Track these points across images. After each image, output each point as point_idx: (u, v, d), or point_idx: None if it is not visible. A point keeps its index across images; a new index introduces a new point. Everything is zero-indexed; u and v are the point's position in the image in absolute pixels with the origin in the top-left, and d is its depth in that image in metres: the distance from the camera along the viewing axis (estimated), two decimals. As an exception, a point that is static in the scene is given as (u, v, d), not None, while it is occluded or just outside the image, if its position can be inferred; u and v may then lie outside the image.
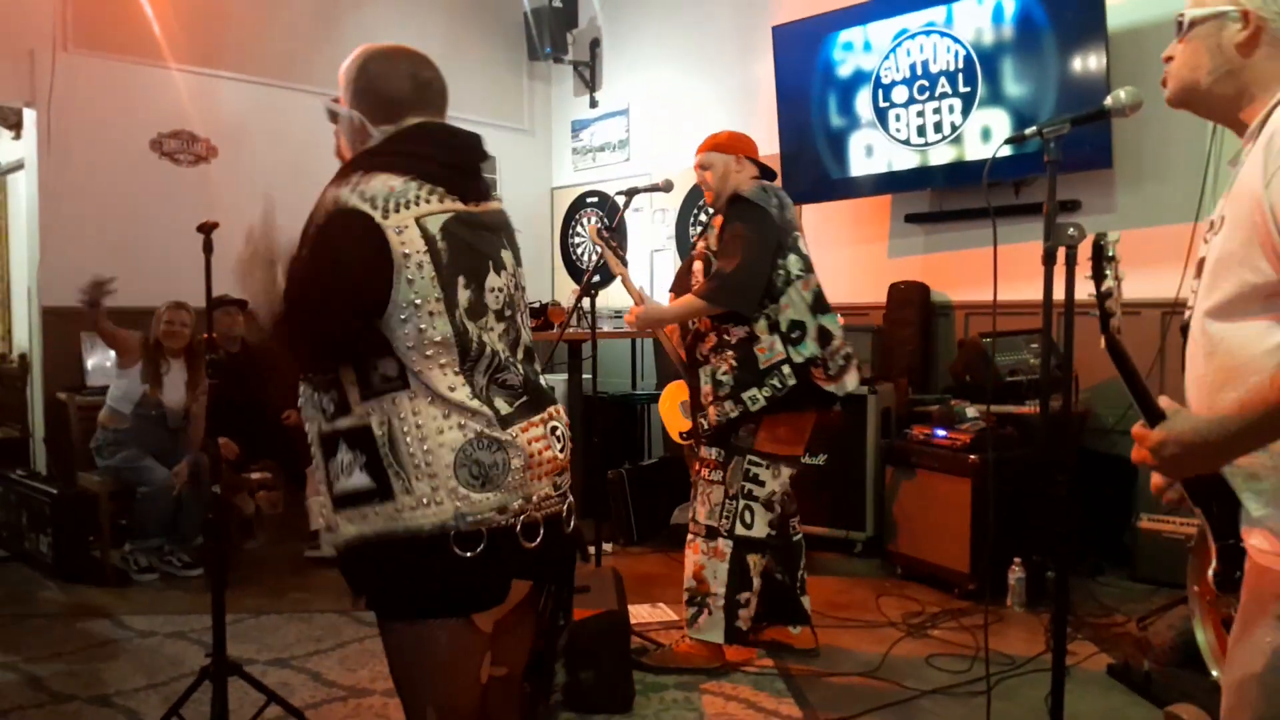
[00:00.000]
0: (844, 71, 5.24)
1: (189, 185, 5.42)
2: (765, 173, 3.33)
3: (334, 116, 1.77)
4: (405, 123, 1.67)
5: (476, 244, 1.62)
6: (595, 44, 7.08)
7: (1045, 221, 1.93)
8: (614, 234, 3.60)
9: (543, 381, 1.75)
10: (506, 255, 1.71)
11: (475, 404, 1.56)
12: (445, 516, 1.51)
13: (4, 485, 4.75)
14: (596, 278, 4.24)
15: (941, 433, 4.06)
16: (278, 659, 3.34)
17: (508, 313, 1.67)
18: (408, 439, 1.52)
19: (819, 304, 3.15)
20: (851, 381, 3.17)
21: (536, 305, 5.62)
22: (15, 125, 5.94)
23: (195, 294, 4.23)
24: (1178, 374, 4.39)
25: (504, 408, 1.60)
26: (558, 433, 1.69)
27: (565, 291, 7.29)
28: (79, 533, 4.40)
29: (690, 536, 3.24)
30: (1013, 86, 4.59)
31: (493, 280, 1.64)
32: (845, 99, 5.24)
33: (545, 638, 1.78)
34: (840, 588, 3.87)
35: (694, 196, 6.45)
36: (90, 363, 5.08)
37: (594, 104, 7.15)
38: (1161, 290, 4.33)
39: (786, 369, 3.07)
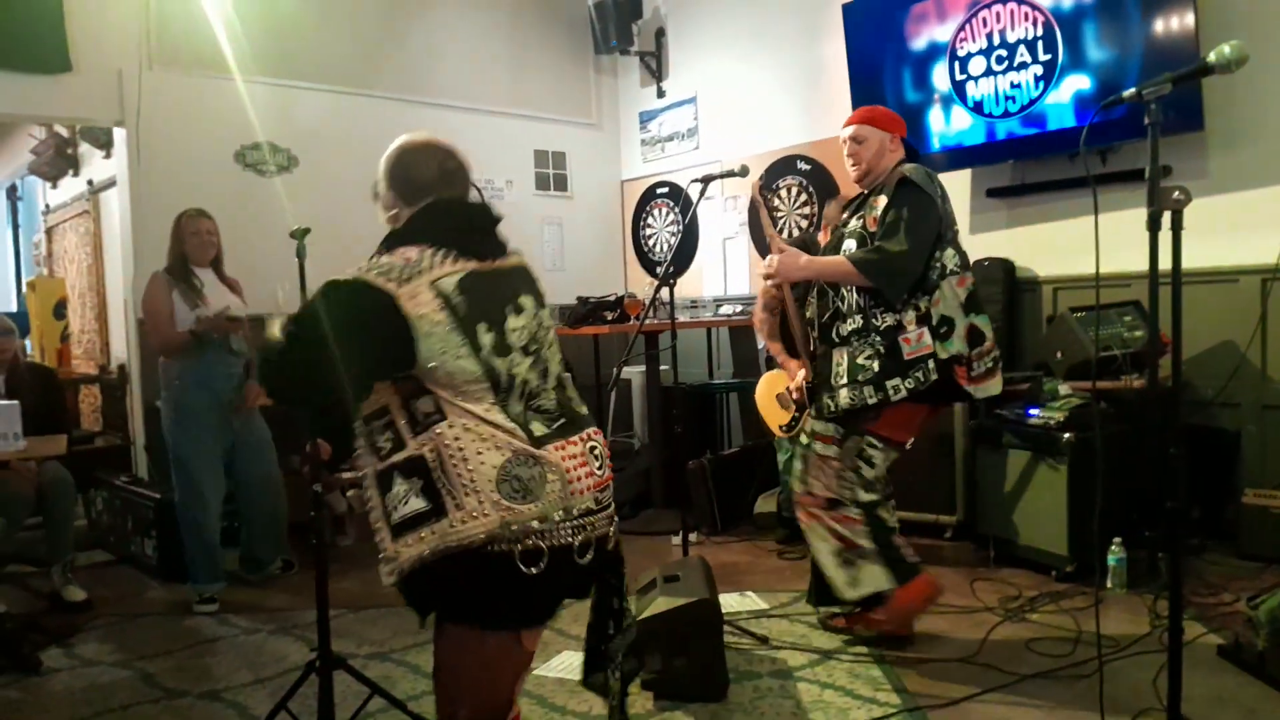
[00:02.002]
0: (918, 45, 5.13)
1: (274, 194, 5.57)
2: (910, 154, 3.25)
3: (375, 195, 2.02)
4: (429, 201, 1.91)
5: (493, 293, 1.84)
6: (660, 34, 7.06)
7: (1149, 186, 1.85)
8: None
9: (581, 408, 1.94)
10: (526, 299, 1.92)
11: (511, 425, 1.76)
12: (493, 526, 1.69)
13: (109, 491, 4.95)
14: (672, 268, 4.22)
15: (1034, 411, 3.95)
16: (378, 653, 3.41)
17: (533, 348, 1.87)
18: (454, 460, 1.71)
19: (972, 302, 3.06)
20: (995, 386, 3.09)
21: (612, 298, 5.64)
22: (106, 145, 6.19)
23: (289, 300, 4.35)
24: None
25: (539, 429, 1.80)
26: (596, 451, 1.88)
27: (638, 284, 7.29)
28: (181, 535, 4.55)
29: (807, 505, 3.19)
30: (1095, 51, 4.44)
31: (513, 322, 1.85)
32: (920, 73, 5.14)
33: (600, 645, 1.96)
34: (933, 573, 3.79)
35: (767, 181, 6.39)
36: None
37: (661, 94, 7.13)
38: (1261, 255, 4.16)
39: (931, 364, 2.99)
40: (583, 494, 1.80)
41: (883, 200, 3.08)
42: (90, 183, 6.94)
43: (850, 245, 3.12)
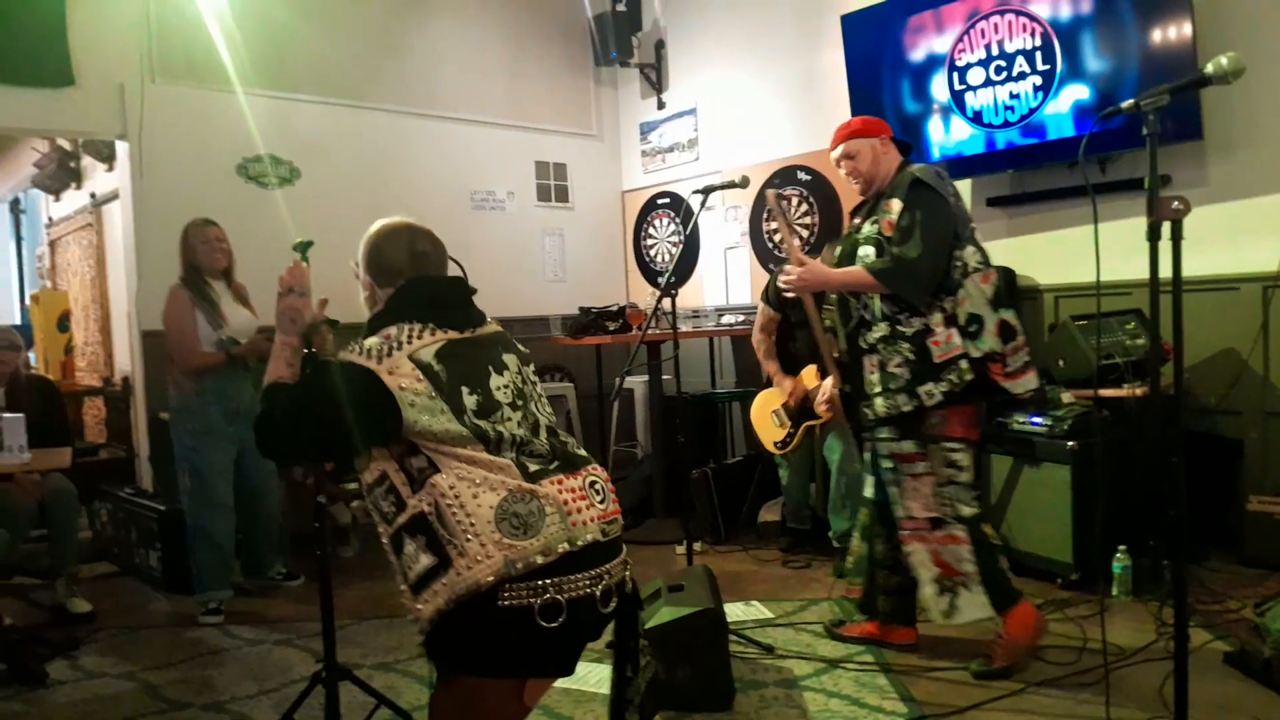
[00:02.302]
0: (916, 56, 5.15)
1: (276, 207, 5.58)
2: (903, 150, 3.25)
3: (356, 276, 2.15)
4: (403, 282, 2.02)
5: (473, 357, 1.92)
6: (660, 45, 7.09)
7: (1148, 196, 1.86)
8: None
9: (578, 450, 2.00)
10: (509, 357, 2.01)
11: (504, 462, 1.82)
12: (498, 566, 1.73)
13: (113, 503, 4.95)
14: (674, 278, 4.24)
15: (1037, 419, 3.96)
16: (382, 663, 3.41)
17: (519, 403, 1.95)
18: (451, 508, 1.76)
19: (999, 298, 3.02)
20: (1031, 381, 3.04)
21: (614, 309, 5.65)
22: (109, 158, 6.21)
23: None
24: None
25: (534, 466, 1.86)
26: (595, 485, 1.93)
27: (639, 294, 7.31)
28: (185, 546, 4.55)
29: (908, 532, 3.10)
30: (1094, 61, 4.46)
31: (496, 380, 1.93)
32: (919, 84, 5.16)
33: (616, 689, 2.00)
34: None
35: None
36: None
37: (661, 105, 7.16)
38: (1262, 263, 4.17)
39: (965, 364, 2.95)
40: (585, 525, 1.84)
41: (896, 203, 3.04)
42: (93, 196, 6.96)
43: (868, 251, 3.06)
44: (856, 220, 3.22)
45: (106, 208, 6.81)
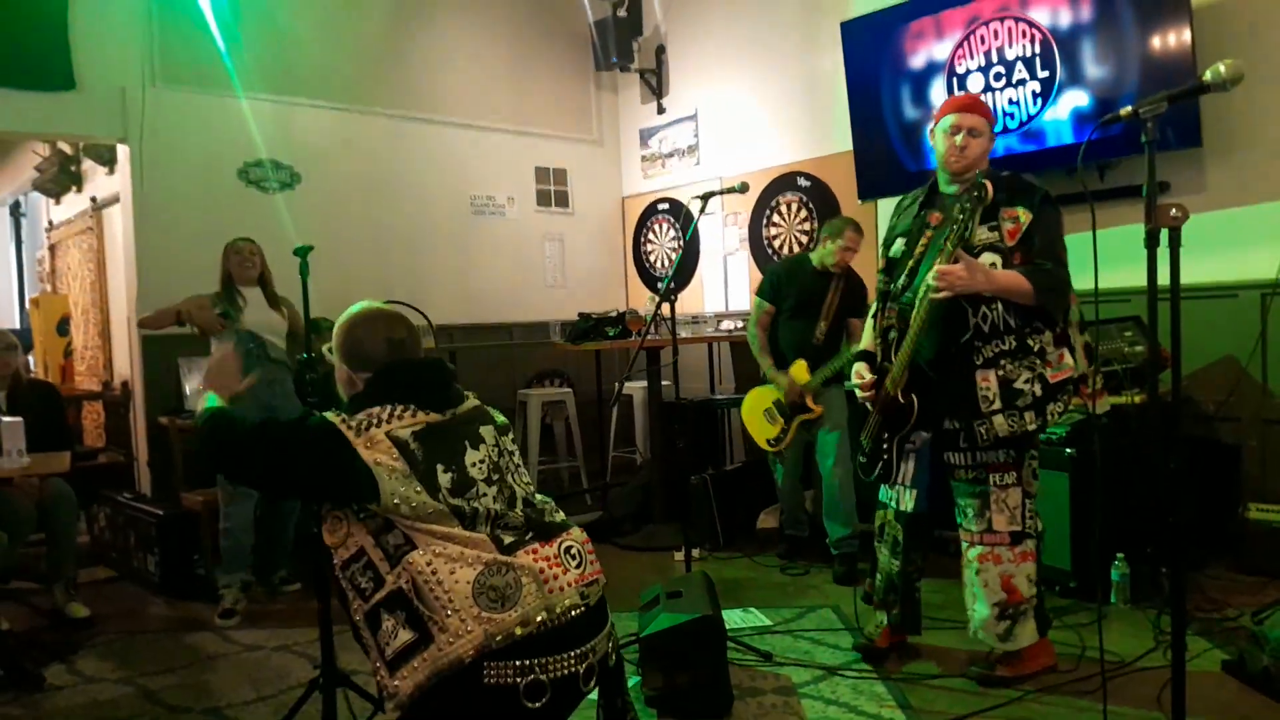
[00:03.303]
0: (916, 62, 5.16)
1: (277, 211, 5.60)
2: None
3: (330, 351, 2.16)
4: (381, 368, 2.04)
5: (450, 437, 1.94)
6: (660, 51, 7.10)
7: (1146, 203, 1.86)
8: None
9: (554, 516, 2.03)
10: (485, 430, 2.03)
11: (479, 536, 1.84)
12: (478, 640, 1.74)
13: (112, 507, 4.95)
14: (673, 284, 4.25)
15: (1034, 426, 3.96)
16: (379, 669, 3.41)
17: (495, 477, 1.97)
18: (429, 584, 1.77)
19: (1082, 320, 2.98)
20: (1107, 402, 3.00)
21: (614, 314, 5.66)
22: (110, 161, 6.22)
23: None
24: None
25: (508, 539, 1.88)
26: (571, 550, 1.94)
27: (639, 300, 7.32)
28: (184, 551, 4.56)
29: (984, 549, 2.98)
30: (1093, 68, 4.47)
31: (471, 456, 1.94)
32: (919, 90, 5.17)
33: None
34: (936, 587, 3.79)
35: (767, 197, 6.43)
36: (189, 387, 5.26)
37: (661, 111, 7.17)
38: (1260, 270, 4.18)
39: (1071, 386, 2.88)
40: (563, 590, 1.86)
41: (1023, 213, 2.88)
42: (94, 199, 6.96)
43: (993, 259, 2.86)
44: (960, 218, 2.77)
45: (107, 211, 6.81)
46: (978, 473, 2.98)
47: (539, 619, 1.80)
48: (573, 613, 1.86)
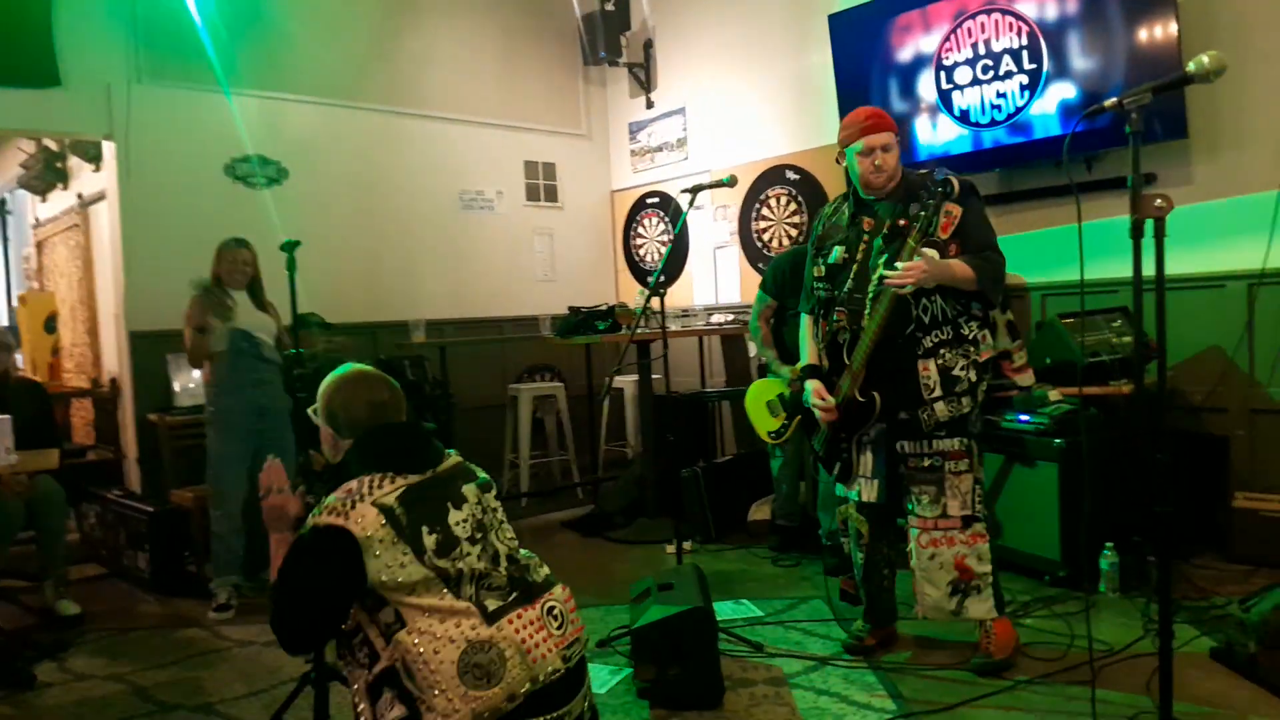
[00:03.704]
0: (904, 55, 5.17)
1: (264, 207, 5.57)
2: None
3: (314, 422, 2.18)
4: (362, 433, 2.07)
5: (433, 498, 1.97)
6: (649, 45, 7.10)
7: (1131, 194, 1.87)
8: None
9: (538, 573, 2.07)
10: (468, 488, 2.06)
11: (463, 604, 1.87)
12: (466, 719, 1.78)
13: (101, 505, 4.93)
14: (663, 278, 4.25)
15: (1024, 418, 3.98)
16: (371, 664, 3.41)
17: (479, 535, 1.99)
18: (416, 665, 1.81)
19: (1004, 300, 3.15)
20: (1031, 376, 3.18)
21: (604, 308, 5.66)
22: (95, 158, 6.19)
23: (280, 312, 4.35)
24: (1269, 346, 4.28)
25: (492, 604, 1.91)
26: (554, 612, 1.99)
27: (629, 293, 7.32)
28: (174, 548, 4.56)
29: (939, 533, 3.09)
30: (1080, 60, 4.48)
31: (455, 516, 1.97)
32: (906, 83, 5.18)
33: None
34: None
35: (756, 190, 6.43)
36: (177, 384, 5.25)
37: (650, 105, 7.17)
38: (1247, 261, 4.20)
39: (992, 364, 3.10)
40: (545, 657, 1.90)
41: (951, 207, 3.00)
42: (80, 196, 6.92)
43: (930, 253, 2.98)
44: (901, 221, 3.02)
45: (93, 208, 6.78)
46: (933, 460, 3.09)
47: (524, 690, 1.84)
48: (554, 677, 1.91)
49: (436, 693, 1.79)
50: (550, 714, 1.89)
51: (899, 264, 2.91)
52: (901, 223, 3.06)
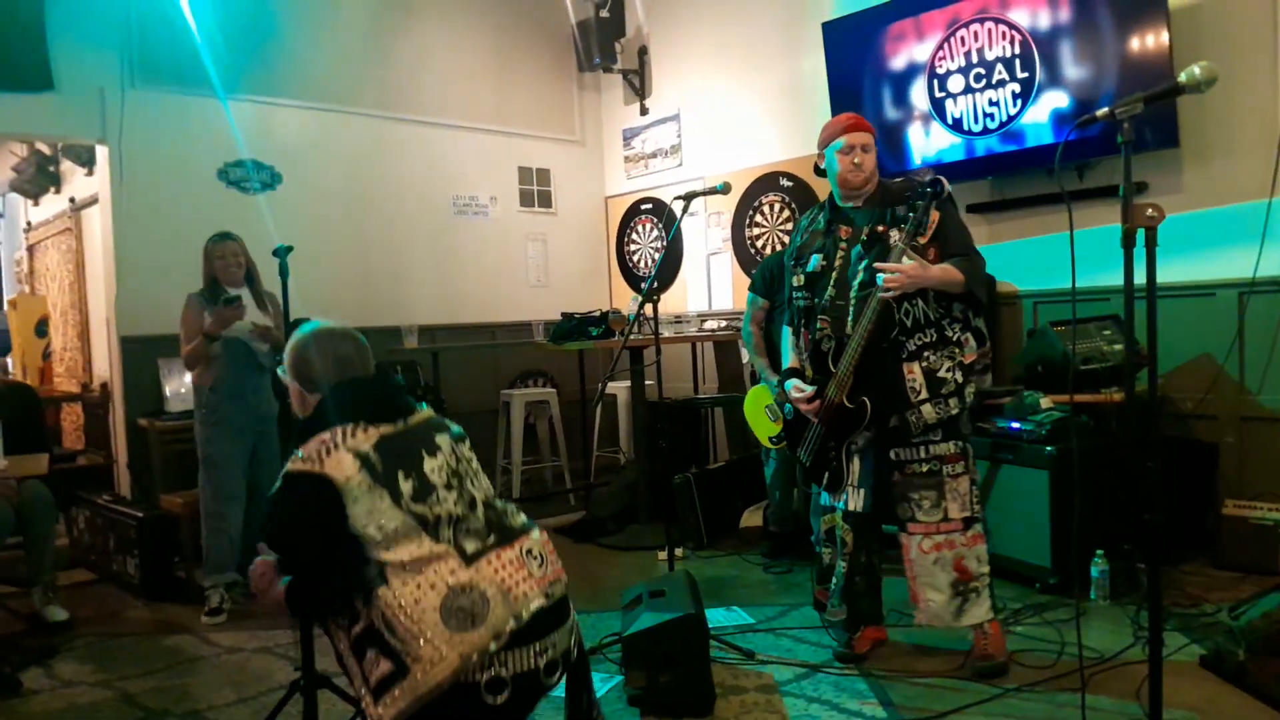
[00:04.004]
0: (897, 63, 5.19)
1: (258, 211, 5.56)
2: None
3: (284, 381, 2.21)
4: (330, 388, 2.11)
5: (407, 446, 2.00)
6: (643, 51, 7.11)
7: (1122, 203, 1.88)
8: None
9: (515, 519, 2.09)
10: (441, 438, 2.09)
11: (441, 548, 1.89)
12: (455, 665, 1.78)
13: (91, 510, 4.91)
14: (656, 284, 4.25)
15: (1015, 425, 3.98)
16: (361, 671, 3.39)
17: (454, 482, 2.02)
18: (398, 618, 1.82)
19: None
20: (986, 382, 3.24)
21: (597, 314, 5.66)
22: (88, 162, 6.17)
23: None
24: (1259, 354, 4.29)
25: (471, 546, 1.93)
26: (533, 553, 2.01)
27: (623, 300, 7.32)
28: (164, 553, 4.54)
29: (939, 539, 3.11)
30: (1072, 69, 4.50)
31: (429, 464, 2.00)
32: (899, 91, 5.20)
33: None
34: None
35: (750, 197, 6.44)
36: (169, 389, 5.23)
37: (644, 111, 7.18)
38: (1237, 269, 4.22)
39: (977, 365, 3.13)
40: (527, 595, 1.92)
41: (932, 213, 3.06)
42: (72, 200, 6.91)
43: (910, 259, 2.99)
44: (880, 228, 3.08)
45: (86, 212, 6.76)
46: (931, 465, 3.11)
47: (509, 629, 1.85)
48: (538, 613, 1.91)
49: (421, 642, 1.79)
50: (534, 642, 1.89)
51: (887, 263, 2.95)
52: (880, 229, 3.10)
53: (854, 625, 3.35)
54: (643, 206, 7.27)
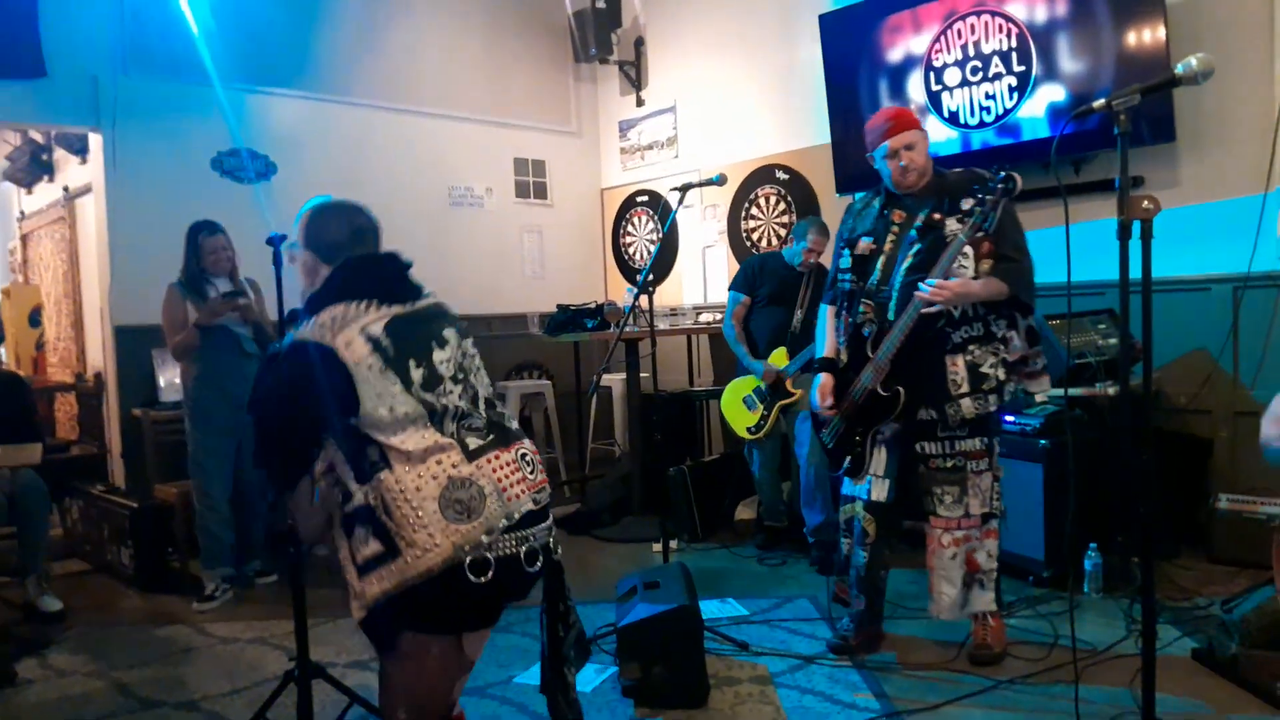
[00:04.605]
0: (894, 56, 5.18)
1: (251, 201, 5.54)
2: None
3: (293, 258, 2.21)
4: (342, 260, 2.09)
5: (417, 332, 2.02)
6: (639, 43, 7.09)
7: (1119, 196, 1.88)
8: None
9: (511, 424, 2.12)
10: (449, 332, 2.11)
11: (446, 439, 1.94)
12: (447, 553, 1.86)
13: (85, 500, 4.90)
14: (651, 276, 4.25)
15: (1009, 418, 3.99)
16: (357, 661, 3.39)
17: (460, 376, 2.07)
18: (397, 502, 1.87)
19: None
20: (1047, 384, 3.15)
21: (592, 306, 5.65)
22: (82, 151, 6.14)
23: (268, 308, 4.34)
24: (1254, 348, 4.28)
25: (473, 443, 1.97)
26: (526, 458, 2.06)
27: (618, 291, 7.31)
28: (157, 544, 4.53)
29: (958, 534, 3.11)
30: (1069, 63, 4.50)
31: (439, 355, 2.04)
32: (896, 84, 5.19)
33: (551, 647, 2.12)
34: (910, 578, 3.83)
35: (746, 190, 6.43)
36: (163, 379, 5.21)
37: (640, 103, 7.16)
38: (1233, 264, 4.22)
39: (1033, 365, 3.12)
40: (520, 497, 1.98)
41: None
42: (66, 189, 6.88)
43: (970, 252, 2.98)
44: (935, 216, 3.03)
45: (79, 201, 6.74)
46: (955, 460, 3.08)
47: (500, 526, 1.91)
48: (526, 514, 1.98)
49: (417, 529, 1.85)
50: (517, 532, 1.95)
51: (937, 270, 2.91)
52: (936, 216, 3.04)
53: (869, 619, 3.30)
54: (639, 198, 7.26)
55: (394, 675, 2.01)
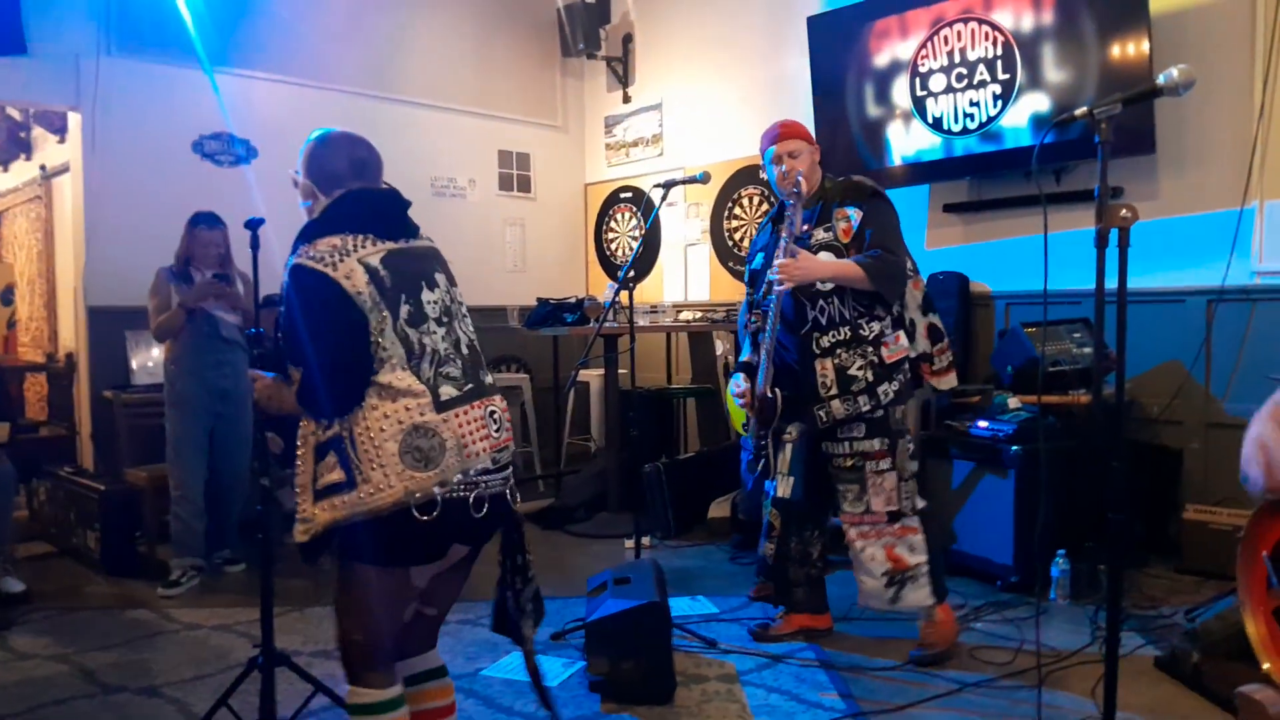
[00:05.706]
0: (880, 60, 5.19)
1: (231, 185, 5.48)
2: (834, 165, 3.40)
3: (295, 184, 2.22)
4: (342, 192, 2.11)
5: (410, 269, 2.05)
6: (628, 39, 7.08)
7: (1097, 204, 1.89)
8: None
9: (487, 378, 2.14)
10: (439, 275, 2.14)
11: (419, 387, 1.95)
12: (398, 495, 1.89)
13: (52, 482, 4.84)
14: (632, 272, 4.24)
15: (983, 424, 4.01)
16: (323, 650, 3.37)
17: (445, 319, 2.08)
18: (363, 439, 1.91)
19: (927, 303, 3.26)
20: (952, 380, 3.27)
21: (573, 300, 5.64)
22: (60, 130, 6.07)
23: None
24: (1226, 361, 4.34)
25: (447, 392, 1.99)
26: (495, 416, 2.07)
27: (599, 287, 7.30)
28: (125, 528, 4.48)
29: (865, 529, 3.18)
30: (1053, 72, 4.52)
31: (427, 295, 2.06)
32: (882, 88, 5.20)
33: (507, 597, 2.16)
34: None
35: (729, 190, 6.44)
36: (135, 362, 5.16)
37: (627, 99, 7.15)
38: (1207, 278, 4.26)
39: (907, 364, 3.18)
40: (478, 455, 2.00)
41: (853, 211, 3.17)
42: (43, 168, 6.79)
43: (828, 257, 3.12)
44: (806, 227, 3.21)
45: (56, 180, 6.66)
46: (855, 460, 3.18)
47: (454, 479, 1.94)
48: (483, 475, 2.00)
49: (375, 467, 1.89)
50: (470, 479, 1.97)
51: (776, 261, 3.09)
52: (805, 226, 3.20)
53: (780, 604, 3.46)
54: (622, 195, 7.25)
55: (349, 602, 2.04)
